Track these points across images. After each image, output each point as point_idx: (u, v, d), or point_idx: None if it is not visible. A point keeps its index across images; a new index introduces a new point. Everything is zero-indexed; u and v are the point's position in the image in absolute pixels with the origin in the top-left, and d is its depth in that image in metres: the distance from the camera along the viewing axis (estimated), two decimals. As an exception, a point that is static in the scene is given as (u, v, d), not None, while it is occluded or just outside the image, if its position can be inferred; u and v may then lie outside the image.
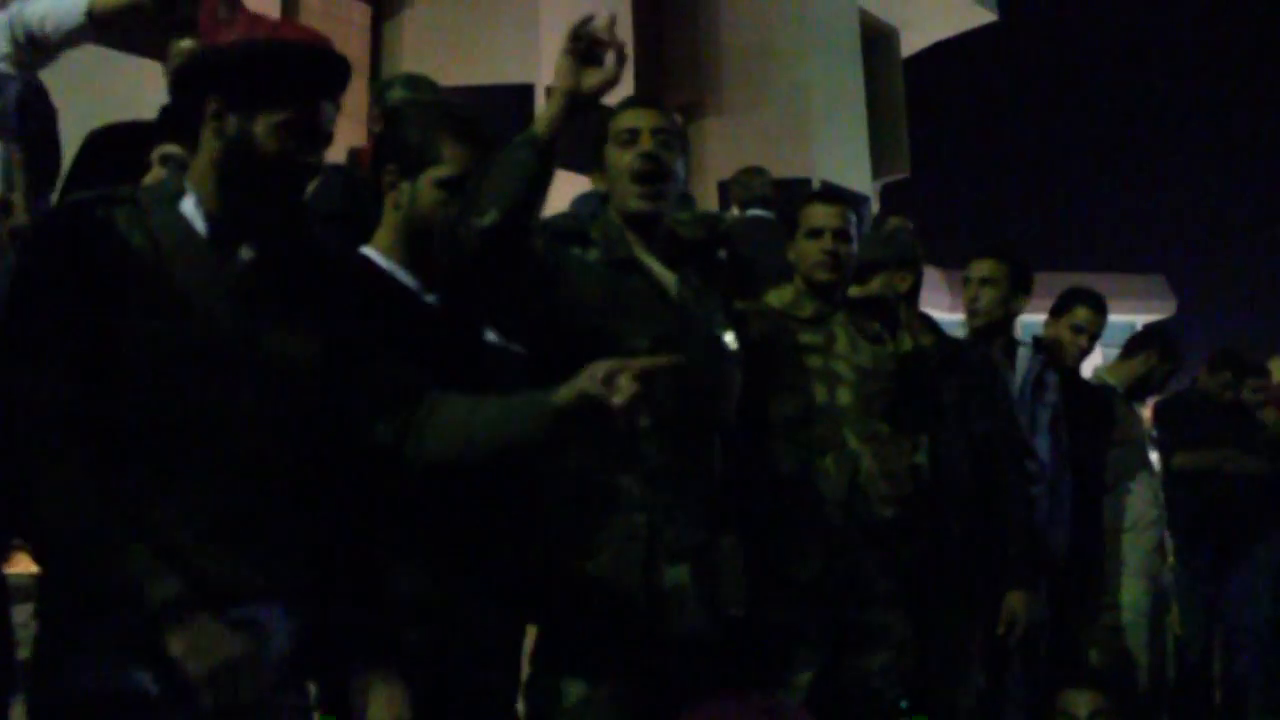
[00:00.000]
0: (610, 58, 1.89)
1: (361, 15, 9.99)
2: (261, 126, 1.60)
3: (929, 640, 2.85)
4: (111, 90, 5.15)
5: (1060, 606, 3.66)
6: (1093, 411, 4.00)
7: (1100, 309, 4.02)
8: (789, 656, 2.56)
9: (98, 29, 2.39)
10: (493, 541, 1.99)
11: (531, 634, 2.25)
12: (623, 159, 2.25)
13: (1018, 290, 3.59)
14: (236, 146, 1.61)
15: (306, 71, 1.65)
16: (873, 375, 2.73)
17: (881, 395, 2.73)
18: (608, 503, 2.13)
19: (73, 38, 2.42)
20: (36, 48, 2.42)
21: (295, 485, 1.64)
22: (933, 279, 13.49)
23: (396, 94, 3.30)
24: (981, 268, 3.59)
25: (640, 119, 2.26)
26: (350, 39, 10.04)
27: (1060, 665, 3.58)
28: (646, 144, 2.23)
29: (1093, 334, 3.99)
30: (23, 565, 3.13)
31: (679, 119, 2.39)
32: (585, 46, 1.88)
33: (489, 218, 1.87)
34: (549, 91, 1.97)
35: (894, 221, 4.63)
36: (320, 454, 1.68)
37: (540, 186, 1.92)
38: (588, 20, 1.88)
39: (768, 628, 2.50)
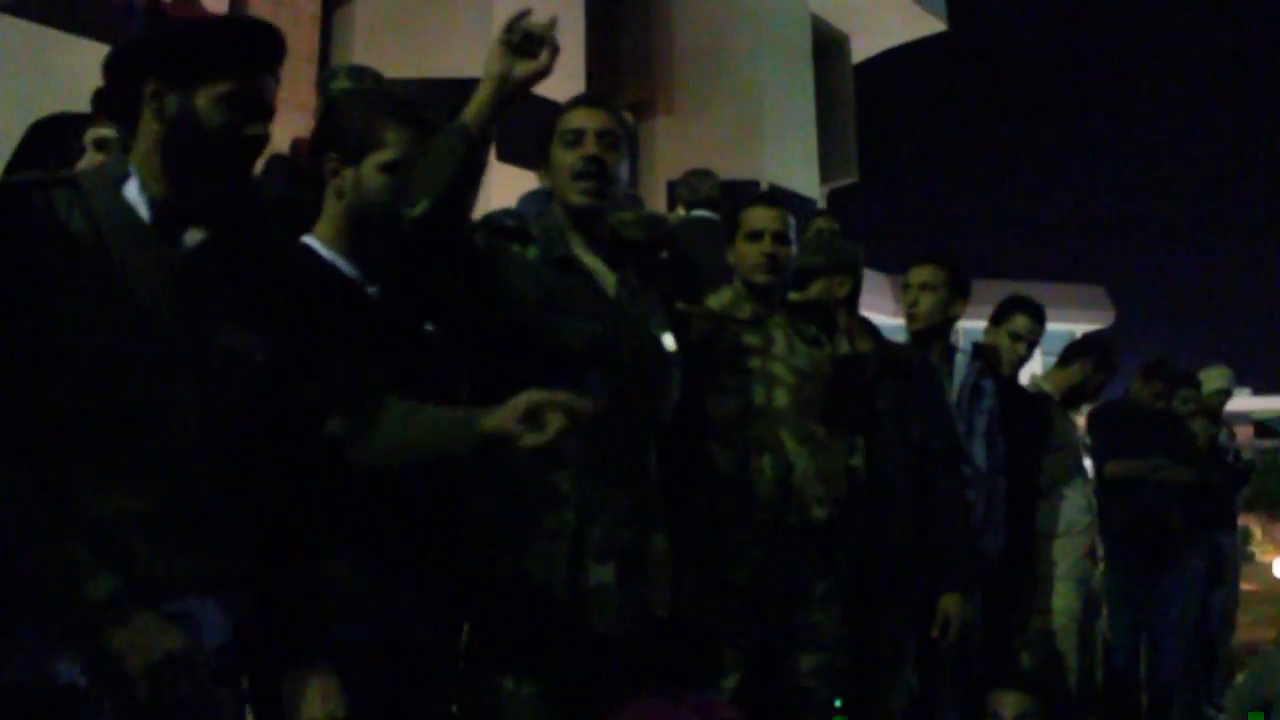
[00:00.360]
0: (545, 52, 1.90)
1: (312, 5, 9.87)
2: (203, 100, 1.58)
3: (863, 641, 2.88)
4: (51, 71, 5.05)
5: (993, 610, 3.71)
6: (1028, 418, 4.06)
7: (1039, 318, 4.09)
8: (715, 660, 2.57)
9: None
10: (427, 537, 1.97)
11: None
12: (566, 158, 2.25)
13: (956, 296, 3.64)
14: (180, 124, 1.58)
15: (242, 43, 1.63)
16: (810, 378, 2.76)
17: (818, 398, 2.75)
18: (539, 500, 2.13)
19: None
20: None
21: (233, 479, 1.61)
22: (878, 284, 13.65)
23: (340, 84, 3.25)
24: (921, 273, 3.63)
25: (586, 119, 2.26)
26: (300, 29, 9.93)
27: (992, 667, 3.64)
28: (591, 147, 2.23)
29: (1030, 342, 4.06)
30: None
31: (629, 118, 2.39)
32: (519, 39, 1.89)
33: (420, 207, 1.87)
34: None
35: (819, 223, 4.67)
36: (258, 447, 1.66)
37: (471, 174, 1.91)
38: (524, 14, 1.89)
39: (696, 630, 2.52)
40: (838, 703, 2.63)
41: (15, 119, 3.40)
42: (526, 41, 1.89)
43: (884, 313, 14.29)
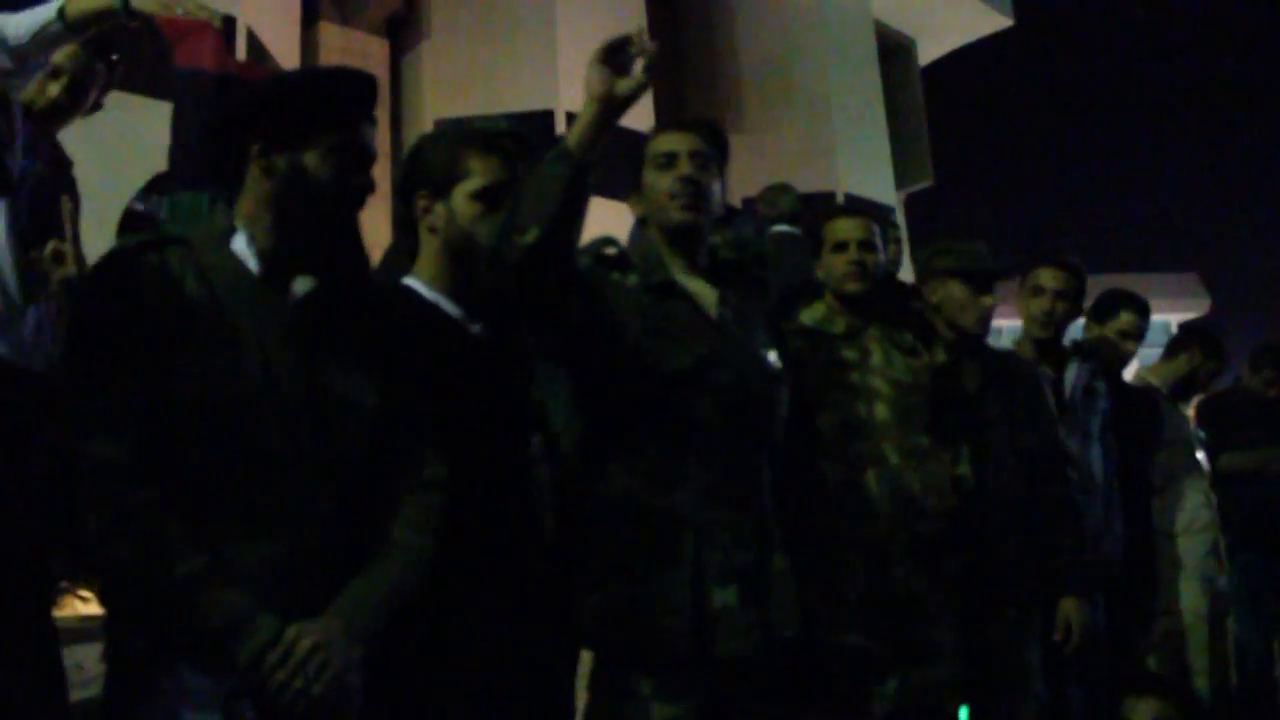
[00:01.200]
0: (639, 65, 1.87)
1: (380, 49, 10.05)
2: (312, 158, 1.62)
3: (987, 653, 2.81)
4: (135, 134, 5.19)
5: (1117, 614, 3.59)
6: (1139, 415, 3.92)
7: (1144, 312, 3.95)
8: (866, 671, 2.54)
9: (72, 31, 2.42)
10: (542, 567, 1.98)
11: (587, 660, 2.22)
12: (661, 181, 2.24)
13: (1079, 300, 3.55)
14: (292, 182, 1.62)
15: (342, 97, 1.67)
16: (909, 388, 2.72)
17: (920, 408, 2.72)
18: (657, 526, 2.10)
19: (49, 39, 2.44)
20: (15, 56, 2.45)
21: (353, 523, 1.63)
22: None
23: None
24: (1055, 279, 3.47)
25: (679, 142, 2.25)
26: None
27: (1120, 673, 3.51)
28: (685, 168, 2.22)
29: (1137, 338, 3.93)
30: (70, 608, 3.13)
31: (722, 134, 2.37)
32: (615, 54, 1.86)
33: (530, 235, 1.84)
34: (569, 116, 1.96)
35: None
36: (374, 491, 1.67)
37: (578, 200, 1.88)
38: (624, 40, 1.87)
39: (823, 647, 2.47)
40: (963, 714, 2.56)
41: (105, 181, 3.51)
42: (622, 53, 1.86)
43: (970, 316, 14.05)
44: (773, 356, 2.31)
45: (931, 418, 2.73)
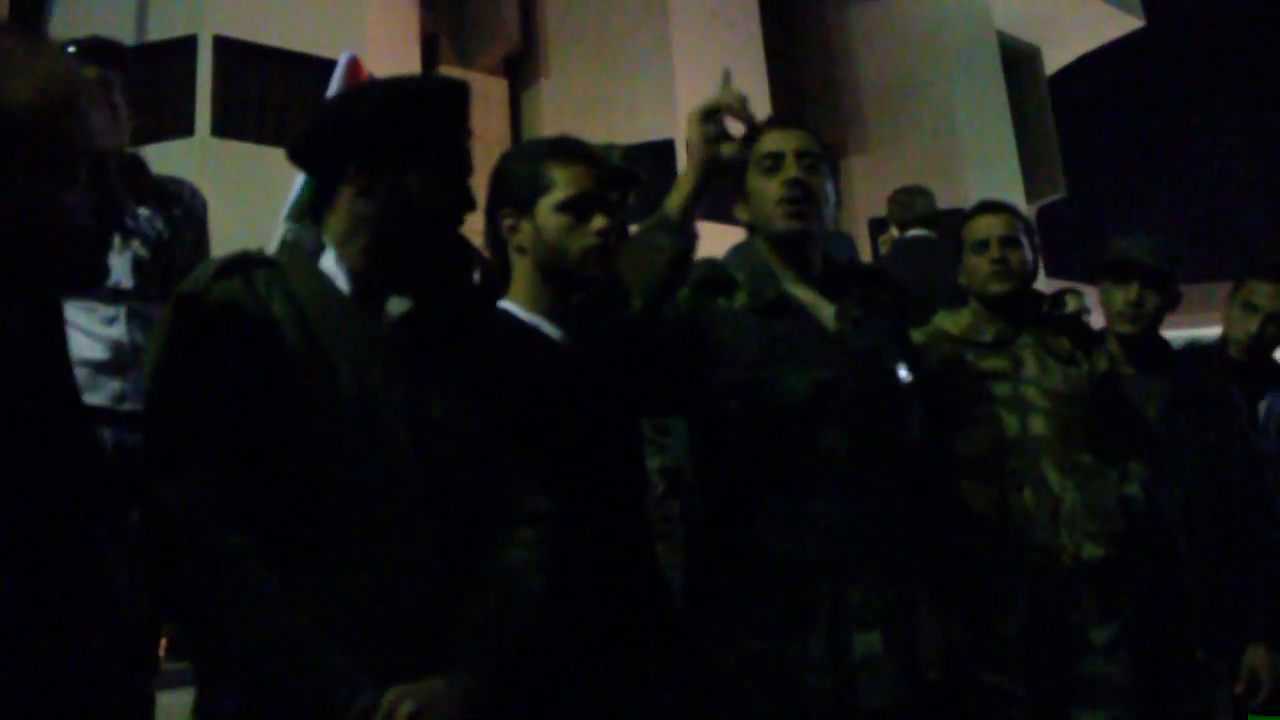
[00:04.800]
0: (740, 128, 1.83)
1: (499, 90, 10.21)
2: (414, 179, 1.54)
3: (1168, 697, 2.55)
4: (264, 183, 5.32)
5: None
6: None
7: None
8: (1024, 717, 2.30)
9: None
10: (665, 613, 1.87)
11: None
12: (768, 186, 2.09)
13: None
14: (392, 205, 1.54)
15: (439, 112, 1.59)
16: (1068, 400, 2.47)
17: (1081, 422, 2.46)
18: (787, 572, 1.95)
19: None
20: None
21: (455, 561, 1.53)
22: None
23: None
24: (1272, 297, 3.03)
25: (784, 141, 2.10)
26: (490, 113, 10.27)
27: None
28: (792, 169, 2.07)
29: None
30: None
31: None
32: (716, 114, 1.80)
33: (635, 305, 1.79)
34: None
35: None
36: (477, 525, 1.57)
37: (681, 267, 1.82)
38: (715, 108, 1.81)
39: (973, 689, 2.27)
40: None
41: (234, 230, 3.55)
42: (726, 119, 1.80)
43: (1112, 329, 13.54)
44: (903, 371, 2.13)
45: (1094, 432, 2.48)
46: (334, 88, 3.37)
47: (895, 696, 1.94)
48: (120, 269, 2.65)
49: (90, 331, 2.62)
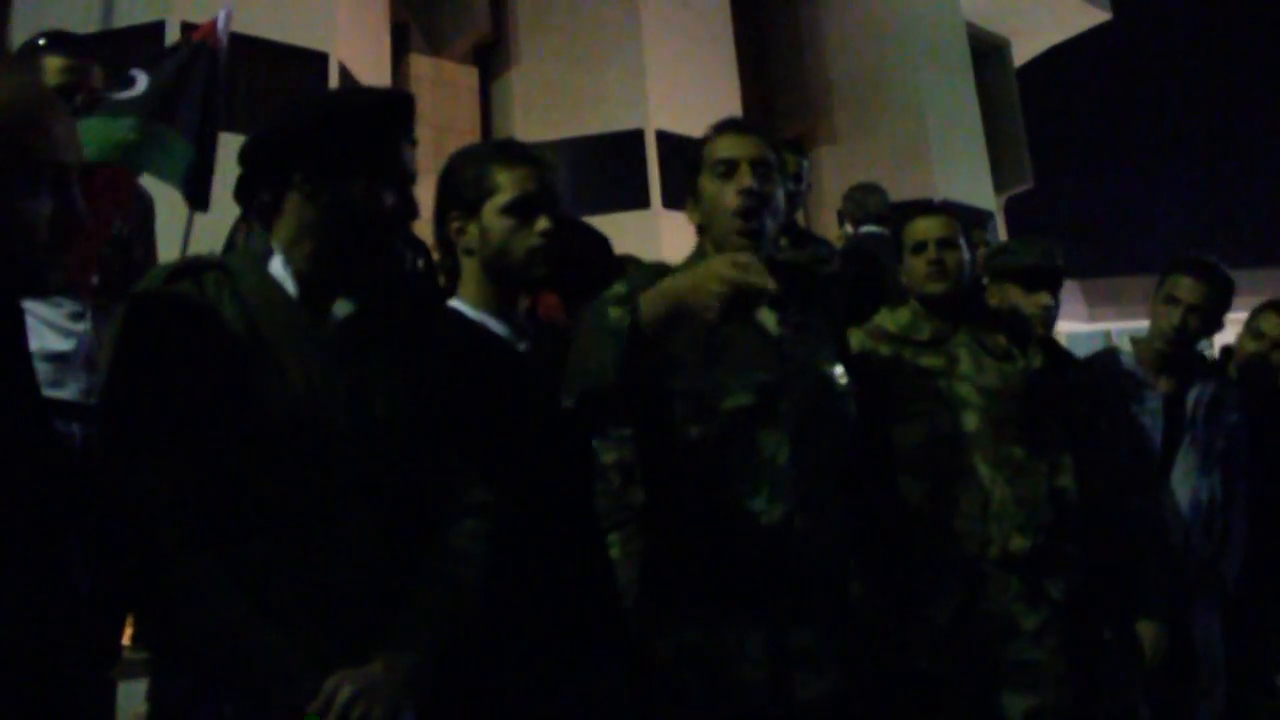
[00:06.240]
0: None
1: (469, 77, 10.21)
2: (357, 187, 1.59)
3: (1094, 676, 2.64)
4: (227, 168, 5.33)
5: (1243, 639, 3.38)
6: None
7: None
8: (934, 706, 2.39)
9: None
10: (605, 603, 1.91)
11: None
12: (723, 193, 2.09)
13: (1218, 315, 3.20)
14: (336, 210, 1.60)
15: (382, 122, 1.63)
16: (1001, 396, 2.56)
17: (1013, 417, 2.56)
18: (728, 566, 2.00)
19: None
20: None
21: (396, 552, 1.59)
22: (1068, 289, 13.10)
23: None
24: (1193, 291, 3.13)
25: (738, 147, 2.11)
26: (460, 103, 10.26)
27: (1247, 701, 3.31)
28: (746, 178, 2.07)
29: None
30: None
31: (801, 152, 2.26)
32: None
33: (568, 401, 1.76)
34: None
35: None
36: (418, 517, 1.63)
37: (629, 372, 1.71)
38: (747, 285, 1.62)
39: (907, 676, 2.36)
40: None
41: (198, 216, 3.57)
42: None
43: (1077, 319, 13.69)
44: (839, 372, 2.18)
45: (1027, 426, 2.57)
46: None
47: (830, 687, 1.99)
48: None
49: (59, 327, 2.66)
